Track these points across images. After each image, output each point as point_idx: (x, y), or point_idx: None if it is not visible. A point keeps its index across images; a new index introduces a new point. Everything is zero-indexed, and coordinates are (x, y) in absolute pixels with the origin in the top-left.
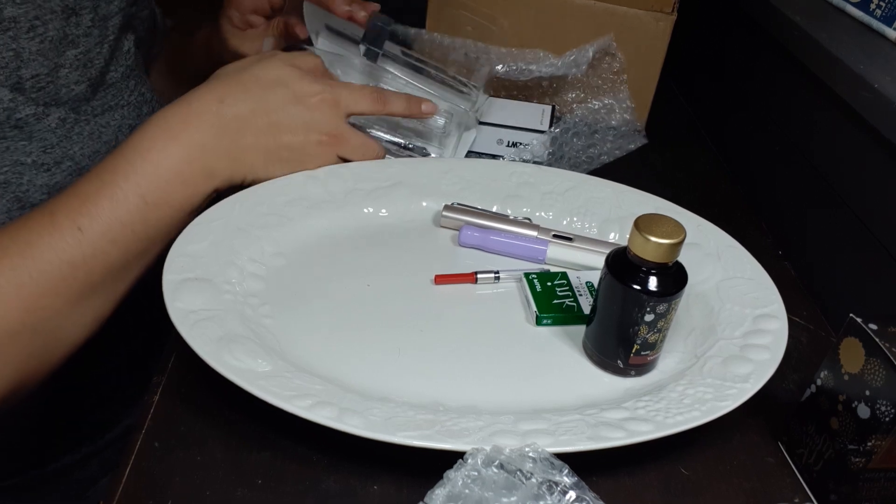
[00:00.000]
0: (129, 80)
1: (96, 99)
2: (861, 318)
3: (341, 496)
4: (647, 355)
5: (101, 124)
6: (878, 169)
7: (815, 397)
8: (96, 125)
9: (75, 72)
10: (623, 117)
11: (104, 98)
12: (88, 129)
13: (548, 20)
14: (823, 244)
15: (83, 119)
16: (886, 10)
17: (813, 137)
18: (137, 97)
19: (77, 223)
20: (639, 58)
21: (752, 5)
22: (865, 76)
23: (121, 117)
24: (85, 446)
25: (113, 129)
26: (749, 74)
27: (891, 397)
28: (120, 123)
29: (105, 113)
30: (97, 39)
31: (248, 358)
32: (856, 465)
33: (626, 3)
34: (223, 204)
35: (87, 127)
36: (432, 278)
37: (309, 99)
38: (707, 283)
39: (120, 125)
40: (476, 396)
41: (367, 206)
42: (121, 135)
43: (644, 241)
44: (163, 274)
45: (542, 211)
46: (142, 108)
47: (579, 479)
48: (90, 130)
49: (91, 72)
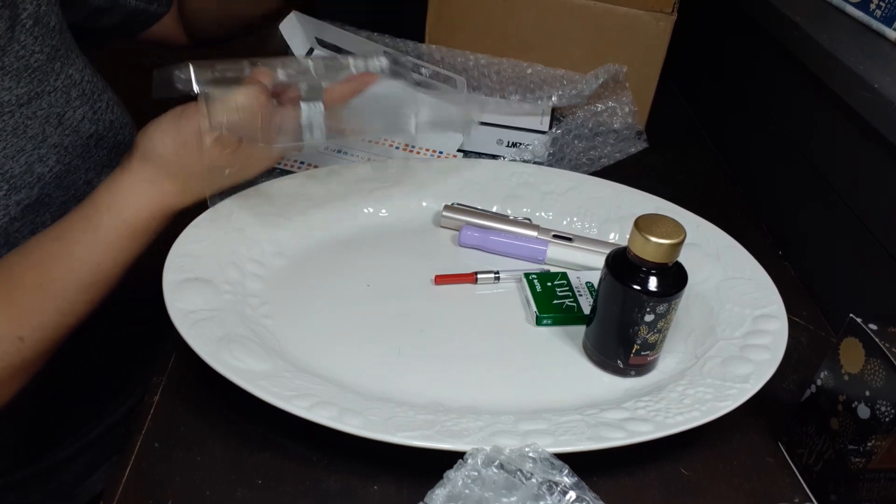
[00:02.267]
0: (55, 63)
1: (18, 88)
2: (861, 318)
3: (341, 496)
4: (647, 355)
5: (26, 116)
6: (878, 169)
7: (815, 397)
8: (21, 117)
9: None
10: (625, 121)
11: (27, 86)
12: (12, 123)
13: (548, 21)
14: (823, 244)
15: (6, 112)
16: (886, 10)
17: (813, 137)
18: (64, 80)
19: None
20: (639, 58)
21: (753, 6)
22: (865, 76)
23: (47, 105)
24: (69, 443)
25: (39, 121)
26: (749, 75)
27: (891, 397)
28: (46, 113)
29: (30, 102)
30: (8, 22)
31: (248, 358)
32: (856, 465)
33: (626, 3)
34: (223, 204)
35: (11, 121)
36: (432, 278)
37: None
38: (707, 284)
39: (46, 115)
40: (476, 396)
41: (367, 206)
42: (48, 127)
43: (644, 241)
44: (163, 274)
45: (542, 211)
46: (70, 92)
47: (579, 479)
48: (14, 125)
49: (5, 59)
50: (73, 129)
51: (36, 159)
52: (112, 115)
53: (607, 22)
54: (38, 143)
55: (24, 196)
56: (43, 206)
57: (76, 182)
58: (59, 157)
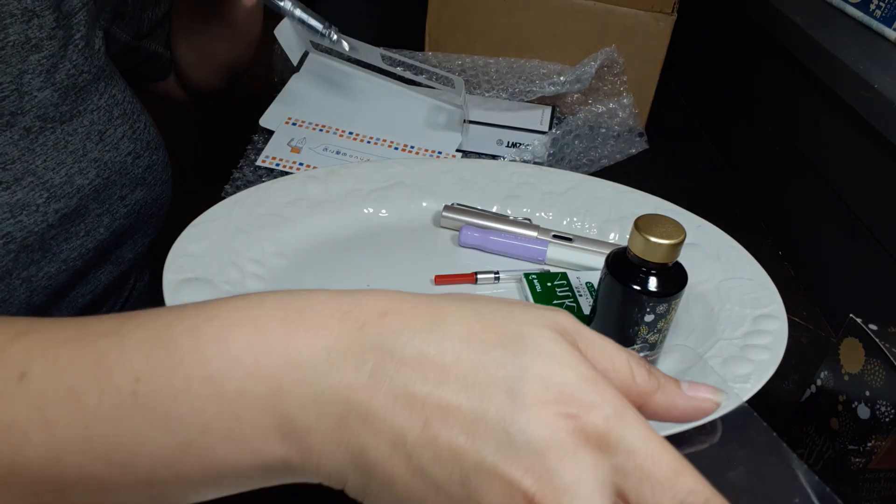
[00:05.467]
0: (99, 83)
1: (64, 105)
2: (861, 318)
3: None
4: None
5: (67, 132)
6: (878, 169)
7: (815, 398)
8: (63, 133)
9: (39, 77)
10: (626, 122)
11: (72, 103)
12: (53, 138)
13: (548, 21)
14: (823, 244)
15: (48, 128)
16: (886, 10)
17: (813, 138)
18: (108, 100)
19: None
20: (639, 58)
21: (753, 6)
22: (865, 76)
23: (89, 123)
24: None
25: (80, 137)
26: (749, 75)
27: (891, 398)
28: (88, 130)
29: (73, 119)
30: (62, 41)
31: None
32: (856, 465)
33: (626, 4)
34: (223, 204)
35: (53, 136)
36: (432, 278)
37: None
38: (707, 284)
39: (88, 132)
40: None
41: (367, 206)
42: (88, 143)
43: (644, 241)
44: (163, 274)
45: (542, 211)
46: (112, 111)
47: None
48: (55, 140)
49: (57, 76)
50: (113, 145)
51: (76, 172)
52: (148, 136)
53: (607, 22)
54: (79, 157)
55: (63, 205)
56: (79, 216)
57: (112, 196)
58: (99, 171)
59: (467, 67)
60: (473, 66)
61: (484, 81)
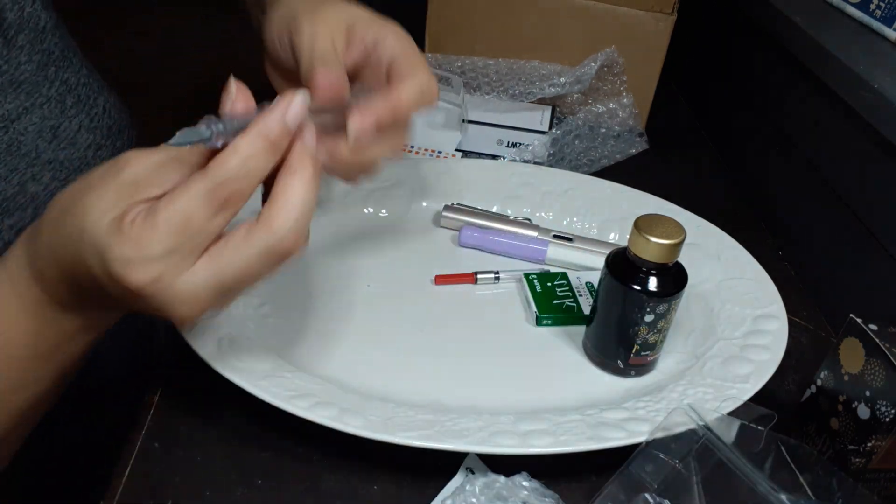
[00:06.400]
0: (48, 69)
1: (7, 103)
2: (861, 318)
3: (341, 496)
4: (647, 355)
5: (18, 132)
6: (878, 169)
7: (815, 397)
8: (14, 133)
9: None
10: (626, 122)
11: (16, 100)
12: (6, 139)
13: (548, 21)
14: (823, 244)
15: None
16: (886, 10)
17: (813, 138)
18: (59, 87)
19: None
20: (639, 58)
21: (752, 6)
22: (865, 76)
23: (40, 118)
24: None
25: (32, 135)
26: (749, 75)
27: (891, 397)
28: (40, 127)
29: (21, 117)
30: None
31: (249, 358)
32: (856, 465)
33: (626, 4)
34: None
35: (5, 137)
36: (432, 278)
37: None
38: (707, 284)
39: (40, 128)
40: (476, 396)
41: (367, 206)
42: (41, 141)
43: (644, 241)
44: None
45: (542, 211)
46: (65, 100)
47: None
48: (7, 142)
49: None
50: (70, 141)
51: (29, 178)
52: (110, 121)
53: (607, 22)
54: (32, 161)
55: (16, 219)
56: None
57: None
58: (55, 173)
59: (467, 69)
60: (473, 67)
61: (484, 83)
